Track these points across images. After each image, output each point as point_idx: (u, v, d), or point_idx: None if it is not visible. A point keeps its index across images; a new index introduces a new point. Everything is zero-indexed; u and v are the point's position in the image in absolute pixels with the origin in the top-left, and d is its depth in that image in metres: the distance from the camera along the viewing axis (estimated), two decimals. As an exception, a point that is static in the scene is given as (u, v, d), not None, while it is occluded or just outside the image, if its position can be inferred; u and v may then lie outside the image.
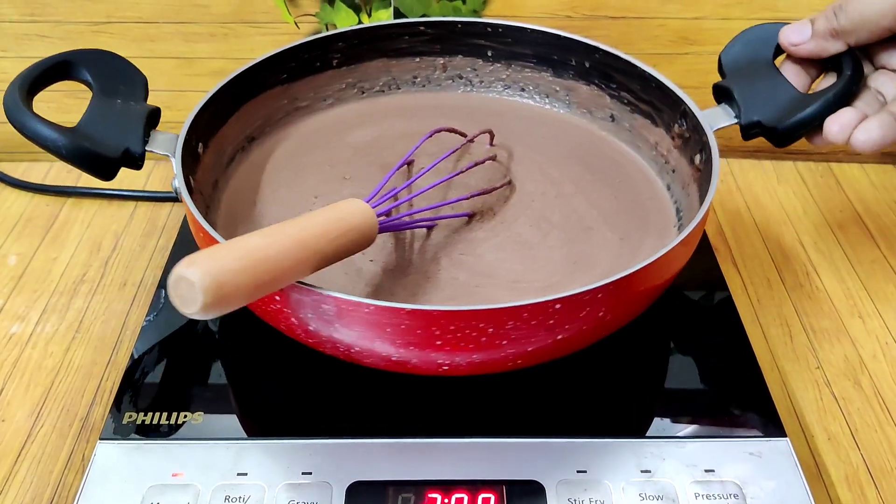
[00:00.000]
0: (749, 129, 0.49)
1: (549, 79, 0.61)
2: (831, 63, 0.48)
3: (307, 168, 0.56)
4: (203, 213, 0.48)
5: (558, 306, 0.38)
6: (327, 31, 0.60)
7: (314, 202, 0.53)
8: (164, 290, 0.53)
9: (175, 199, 0.65)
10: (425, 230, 0.51)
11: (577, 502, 0.40)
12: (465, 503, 0.40)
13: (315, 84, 0.60)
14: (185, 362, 0.49)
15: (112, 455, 0.42)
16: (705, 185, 0.47)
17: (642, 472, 0.42)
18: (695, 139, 0.51)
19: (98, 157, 0.45)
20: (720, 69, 0.51)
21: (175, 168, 0.46)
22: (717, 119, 0.49)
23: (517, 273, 0.48)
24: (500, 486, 0.41)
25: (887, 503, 0.44)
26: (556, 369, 0.45)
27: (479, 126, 0.57)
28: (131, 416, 0.44)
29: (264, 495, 0.40)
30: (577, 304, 0.39)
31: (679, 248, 0.42)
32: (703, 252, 0.56)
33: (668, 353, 0.50)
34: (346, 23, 0.68)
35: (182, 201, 0.44)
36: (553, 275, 0.48)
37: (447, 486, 0.41)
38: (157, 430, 0.44)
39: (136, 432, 0.43)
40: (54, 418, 0.48)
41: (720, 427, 0.44)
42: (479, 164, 0.54)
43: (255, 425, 0.45)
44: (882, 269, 0.60)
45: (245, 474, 0.41)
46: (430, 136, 0.54)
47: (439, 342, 0.39)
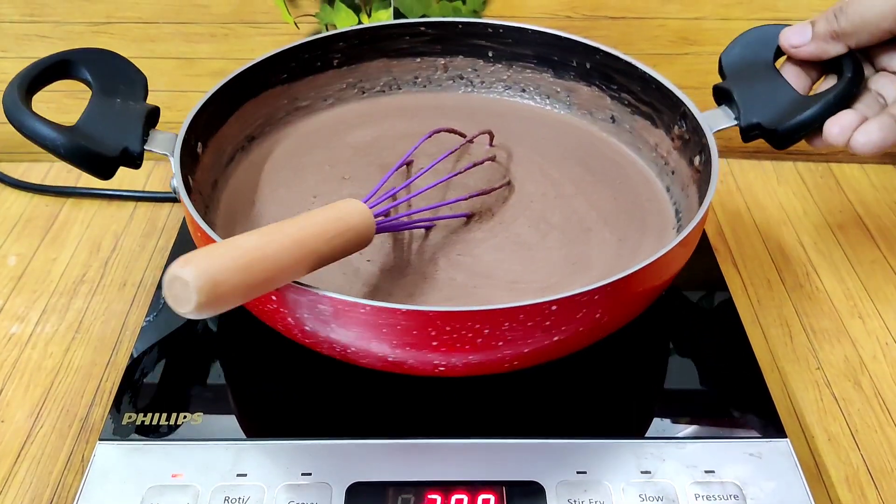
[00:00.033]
0: (749, 131, 0.49)
1: (550, 80, 0.61)
2: (832, 65, 0.48)
3: (307, 168, 0.56)
4: (202, 212, 0.49)
5: (555, 308, 0.38)
6: (327, 31, 0.60)
7: (313, 202, 0.53)
8: (163, 291, 0.53)
9: (175, 200, 0.65)
10: (423, 230, 0.51)
11: (577, 503, 0.40)
12: (465, 504, 0.40)
13: (316, 84, 0.60)
14: (185, 363, 0.49)
15: (111, 456, 0.42)
16: (704, 187, 0.47)
17: (642, 472, 0.42)
18: (694, 141, 0.51)
19: (96, 156, 0.45)
20: (720, 71, 0.51)
21: (174, 167, 0.45)
22: (716, 121, 0.49)
23: (515, 274, 0.48)
24: (500, 486, 0.41)
25: (887, 504, 0.44)
26: (556, 369, 0.45)
27: (480, 127, 0.57)
28: (131, 417, 0.44)
29: (264, 496, 0.40)
30: (574, 306, 0.39)
31: (677, 249, 0.42)
32: (703, 252, 0.56)
33: (669, 354, 0.50)
34: (345, 23, 0.68)
35: (180, 201, 0.44)
36: (551, 276, 0.48)
37: (447, 487, 0.41)
38: (157, 430, 0.44)
39: (135, 433, 0.43)
40: (54, 419, 0.48)
41: (720, 428, 0.44)
42: (478, 164, 0.54)
43: (254, 426, 0.45)
44: (882, 269, 0.59)
45: (244, 475, 0.41)
46: (430, 136, 0.54)
47: (435, 343, 0.39)
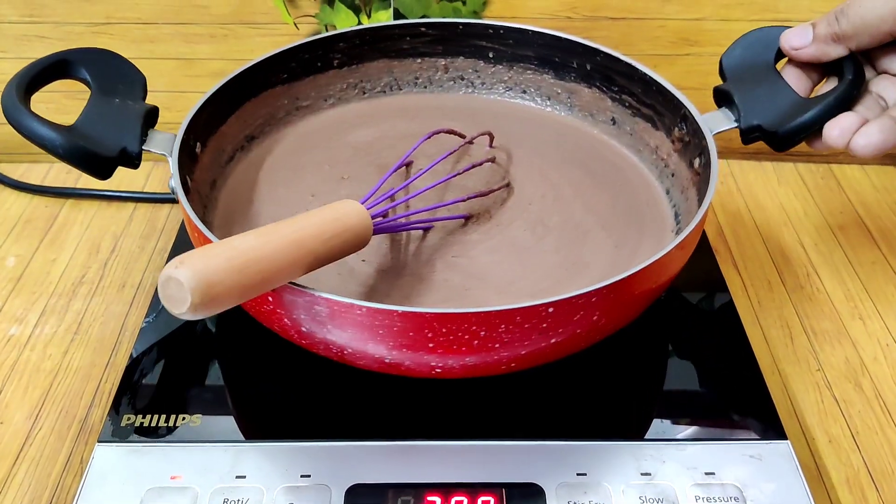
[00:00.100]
0: (749, 133, 0.48)
1: (551, 81, 0.61)
2: (833, 67, 0.48)
3: (306, 167, 0.56)
4: (200, 212, 0.48)
5: (551, 310, 0.38)
6: (327, 31, 0.60)
7: (311, 201, 0.53)
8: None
9: (174, 201, 0.65)
10: (421, 232, 0.51)
11: (576, 505, 0.40)
12: (465, 506, 0.40)
13: (317, 84, 0.60)
14: (184, 364, 0.49)
15: (110, 457, 0.42)
16: (704, 190, 0.46)
17: (642, 474, 0.41)
18: (694, 143, 0.51)
19: (94, 155, 0.45)
20: (721, 72, 0.51)
21: (172, 167, 0.45)
22: (717, 123, 0.49)
23: (511, 276, 0.48)
24: (499, 488, 0.41)
25: (888, 506, 0.44)
26: (556, 371, 0.45)
27: (481, 128, 0.57)
28: (130, 419, 0.44)
29: (263, 498, 0.40)
30: (571, 308, 0.39)
31: (675, 251, 0.42)
32: (703, 254, 0.56)
33: (669, 355, 0.50)
34: (345, 24, 0.67)
35: (178, 201, 0.44)
36: (547, 278, 0.48)
37: (447, 489, 0.41)
38: (156, 432, 0.44)
39: (134, 434, 0.43)
40: (53, 420, 0.48)
41: (720, 429, 0.44)
42: (477, 165, 0.54)
43: (253, 428, 0.45)
44: (883, 270, 0.59)
45: (243, 477, 0.41)
46: (429, 137, 0.54)
47: (431, 344, 0.39)
